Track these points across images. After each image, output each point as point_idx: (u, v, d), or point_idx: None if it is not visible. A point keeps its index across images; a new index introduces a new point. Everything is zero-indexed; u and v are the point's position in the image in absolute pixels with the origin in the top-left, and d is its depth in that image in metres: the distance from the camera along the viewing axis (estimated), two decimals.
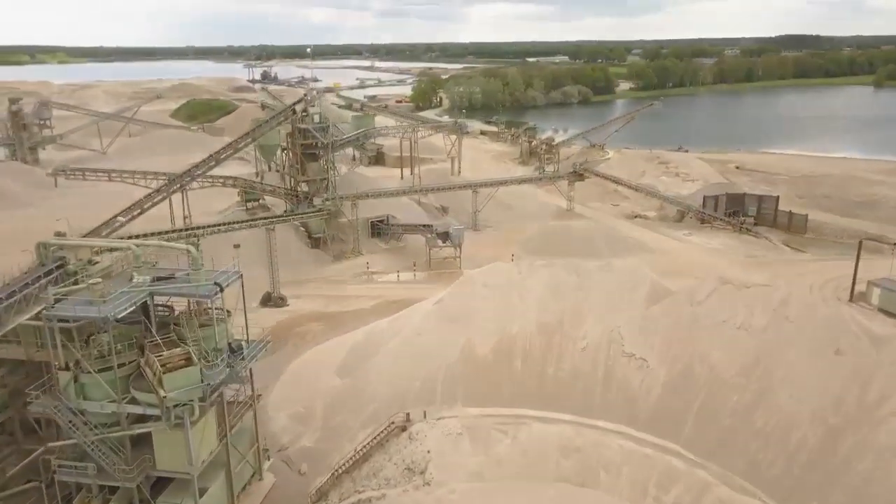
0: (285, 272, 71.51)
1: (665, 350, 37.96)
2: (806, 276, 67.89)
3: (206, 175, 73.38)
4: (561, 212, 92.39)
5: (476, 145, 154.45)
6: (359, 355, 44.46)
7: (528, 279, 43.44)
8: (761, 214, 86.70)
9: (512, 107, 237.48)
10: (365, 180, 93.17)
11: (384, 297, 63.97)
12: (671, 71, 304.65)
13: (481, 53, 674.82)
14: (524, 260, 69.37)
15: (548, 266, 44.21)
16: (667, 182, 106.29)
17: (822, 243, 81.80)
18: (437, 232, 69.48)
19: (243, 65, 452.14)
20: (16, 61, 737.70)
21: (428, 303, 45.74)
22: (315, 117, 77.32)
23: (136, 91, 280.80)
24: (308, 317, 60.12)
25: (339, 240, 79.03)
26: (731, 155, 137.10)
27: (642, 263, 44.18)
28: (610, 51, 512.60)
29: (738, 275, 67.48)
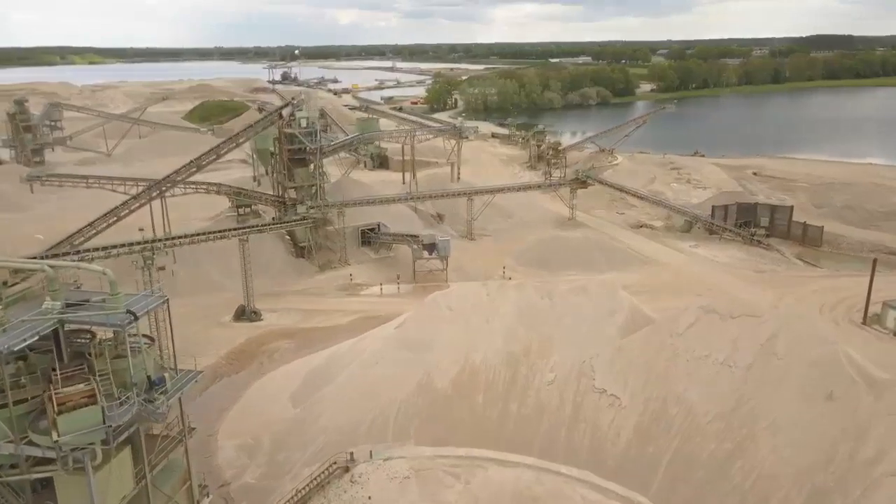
0: (266, 283, 68.82)
1: (639, 387, 34.14)
2: (818, 294, 63.37)
3: (189, 181, 70.85)
4: (562, 220, 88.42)
5: (486, 148, 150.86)
6: (315, 382, 41.27)
7: (497, 302, 39.85)
8: (774, 225, 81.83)
9: (528, 109, 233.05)
10: (358, 186, 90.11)
11: (363, 312, 60.79)
12: (694, 72, 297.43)
13: (504, 54, 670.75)
14: (507, 276, 66.29)
15: (518, 288, 40.58)
16: (677, 189, 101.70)
17: (838, 257, 76.78)
18: (423, 243, 66.03)
19: (263, 66, 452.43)
20: (47, 62, 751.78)
21: (390, 326, 42.35)
22: (302, 121, 74.30)
23: (154, 92, 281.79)
24: (280, 333, 57.16)
25: (326, 249, 76.04)
26: (750, 160, 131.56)
27: (619, 287, 40.08)
28: (634, 51, 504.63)
29: (743, 291, 63.31)
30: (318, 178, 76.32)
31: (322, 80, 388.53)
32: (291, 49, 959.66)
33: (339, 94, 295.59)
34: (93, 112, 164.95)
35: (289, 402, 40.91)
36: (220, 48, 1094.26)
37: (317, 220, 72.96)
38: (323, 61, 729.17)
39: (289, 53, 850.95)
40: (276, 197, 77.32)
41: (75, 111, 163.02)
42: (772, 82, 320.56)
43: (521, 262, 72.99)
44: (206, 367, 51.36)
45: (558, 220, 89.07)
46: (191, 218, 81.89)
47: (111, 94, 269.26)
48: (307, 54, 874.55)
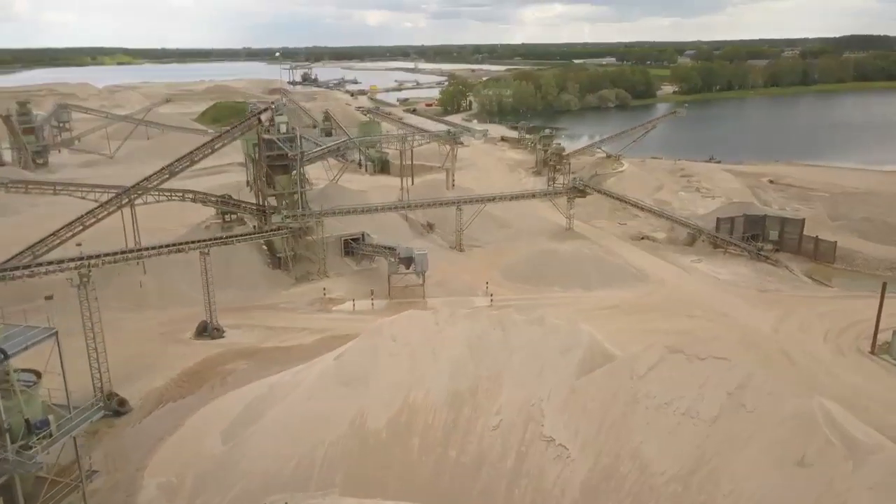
0: (238, 296, 65.86)
1: (591, 436, 30.03)
2: (825, 318, 58.37)
3: (162, 188, 68.09)
4: (560, 231, 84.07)
5: (493, 152, 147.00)
6: (248, 415, 37.79)
7: (446, 332, 35.98)
8: (784, 239, 76.60)
9: (544, 111, 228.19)
10: (346, 193, 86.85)
11: (331, 330, 57.25)
12: (717, 73, 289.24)
13: (529, 55, 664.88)
14: (490, 292, 62.19)
15: (470, 317, 36.65)
16: (684, 198, 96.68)
17: (852, 275, 71.40)
18: (399, 256, 62.33)
19: (282, 67, 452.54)
20: (76, 62, 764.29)
21: (331, 356, 38.71)
22: (282, 127, 71.14)
23: (168, 93, 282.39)
24: (239, 353, 53.86)
25: (306, 259, 72.74)
26: (767, 167, 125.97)
27: (578, 320, 35.93)
28: (659, 52, 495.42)
29: (743, 314, 58.64)
30: (300, 185, 73.15)
31: (342, 81, 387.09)
32: (318, 50, 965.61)
33: (356, 95, 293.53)
34: (100, 113, 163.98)
35: (220, 437, 37.47)
36: (249, 49, 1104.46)
37: (293, 230, 69.72)
38: (347, 62, 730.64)
39: (312, 54, 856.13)
40: (255, 205, 74.32)
41: (83, 112, 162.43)
42: (800, 84, 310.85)
43: (509, 277, 68.94)
44: (154, 389, 48.69)
45: (556, 230, 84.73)
46: (177, 225, 79.45)
47: (128, 95, 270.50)
48: (333, 55, 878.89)
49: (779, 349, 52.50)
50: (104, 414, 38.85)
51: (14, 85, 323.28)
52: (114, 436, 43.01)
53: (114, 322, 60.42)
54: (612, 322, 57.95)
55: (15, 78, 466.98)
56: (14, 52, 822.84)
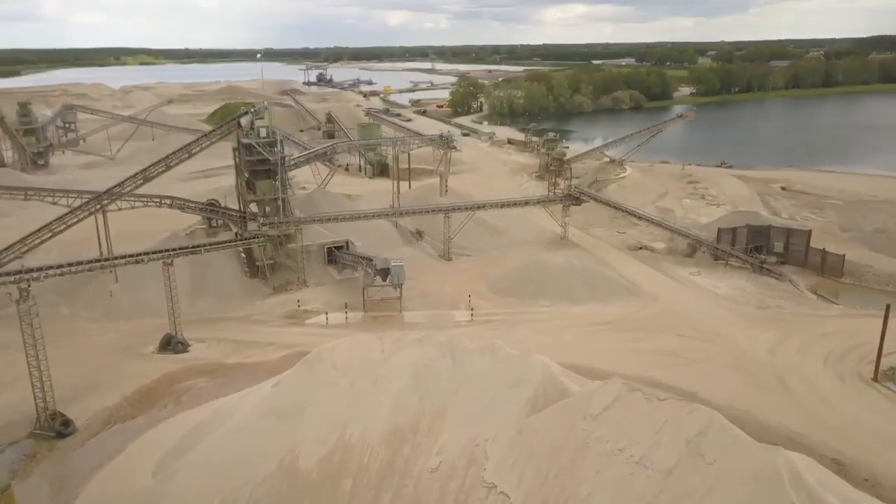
0: (210, 306, 63.60)
1: (537, 484, 26.88)
2: (827, 339, 54.48)
3: (137, 194, 65.91)
4: (555, 240, 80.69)
5: (498, 156, 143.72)
6: (182, 446, 35.14)
7: (391, 360, 33.03)
8: (789, 251, 72.48)
9: (556, 113, 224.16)
10: (333, 199, 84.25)
11: (299, 346, 54.31)
12: (736, 75, 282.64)
13: (548, 56, 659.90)
14: (471, 306, 58.85)
15: (419, 343, 33.62)
16: (688, 206, 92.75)
17: (861, 292, 67.13)
18: (375, 268, 59.48)
19: (298, 67, 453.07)
20: (100, 63, 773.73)
21: (269, 383, 35.91)
22: (262, 131, 68.67)
23: (183, 94, 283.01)
24: (200, 369, 51.34)
25: (287, 268, 70.18)
26: (780, 172, 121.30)
27: (535, 349, 32.73)
28: (679, 53, 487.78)
29: (738, 333, 54.96)
30: (281, 191, 70.60)
31: (357, 81, 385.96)
32: (338, 50, 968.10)
33: (368, 96, 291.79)
34: (105, 114, 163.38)
35: (151, 468, 34.84)
36: (271, 49, 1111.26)
37: (270, 238, 67.20)
38: (366, 62, 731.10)
39: (332, 55, 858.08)
40: (234, 211, 71.87)
41: (89, 113, 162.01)
42: (822, 86, 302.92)
43: (495, 290, 65.76)
44: (104, 408, 46.23)
45: (551, 239, 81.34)
46: (164, 229, 77.15)
47: (140, 96, 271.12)
48: (353, 55, 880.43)
49: (773, 374, 48.80)
50: None
51: (30, 85, 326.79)
52: (53, 460, 40.64)
53: (79, 333, 58.67)
54: (597, 340, 54.74)
55: (36, 78, 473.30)
56: (40, 52, 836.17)
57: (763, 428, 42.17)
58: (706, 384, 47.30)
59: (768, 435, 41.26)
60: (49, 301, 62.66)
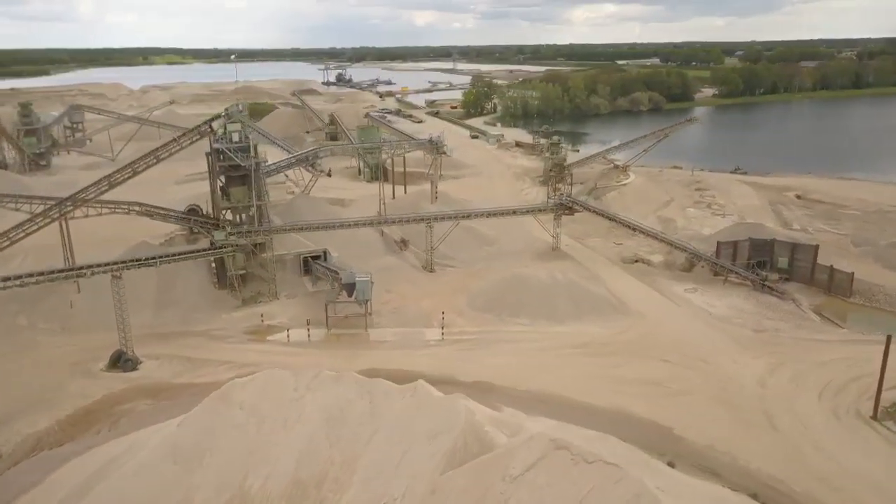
0: (173, 318, 60.83)
1: None
2: (826, 368, 49.83)
3: (102, 200, 63.40)
4: (546, 251, 76.64)
5: (504, 159, 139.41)
6: (84, 486, 32.02)
7: (305, 400, 29.59)
8: (795, 267, 67.50)
9: (572, 115, 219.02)
10: (316, 205, 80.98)
11: (255, 365, 51.04)
12: (761, 75, 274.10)
13: (572, 56, 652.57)
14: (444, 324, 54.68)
15: (336, 382, 30.07)
16: (692, 216, 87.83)
17: (870, 314, 61.94)
18: (340, 282, 56.11)
19: (318, 67, 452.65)
20: (128, 62, 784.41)
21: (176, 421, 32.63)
22: (234, 135, 65.74)
23: (200, 94, 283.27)
24: (145, 390, 48.46)
25: (259, 279, 67.14)
26: (797, 179, 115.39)
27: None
28: (706, 53, 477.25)
29: (728, 360, 50.55)
30: (255, 198, 67.58)
31: (376, 81, 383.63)
32: (364, 50, 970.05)
33: (384, 96, 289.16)
34: (111, 114, 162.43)
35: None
36: (298, 49, 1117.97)
37: (241, 248, 64.21)
38: (389, 62, 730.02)
39: (357, 55, 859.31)
40: (206, 219, 69.09)
41: (95, 113, 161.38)
42: (853, 87, 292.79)
43: (474, 305, 61.96)
44: (33, 433, 43.43)
45: (542, 249, 77.28)
46: (145, 234, 74.70)
47: (157, 96, 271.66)
48: (377, 55, 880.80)
49: (760, 408, 44.37)
50: None
51: (52, 84, 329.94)
52: None
53: (32, 346, 56.10)
54: (573, 365, 50.73)
55: (62, 77, 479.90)
56: (72, 51, 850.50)
57: (742, 473, 38.02)
58: (685, 419, 43.14)
59: (746, 481, 37.12)
60: (11, 311, 60.68)
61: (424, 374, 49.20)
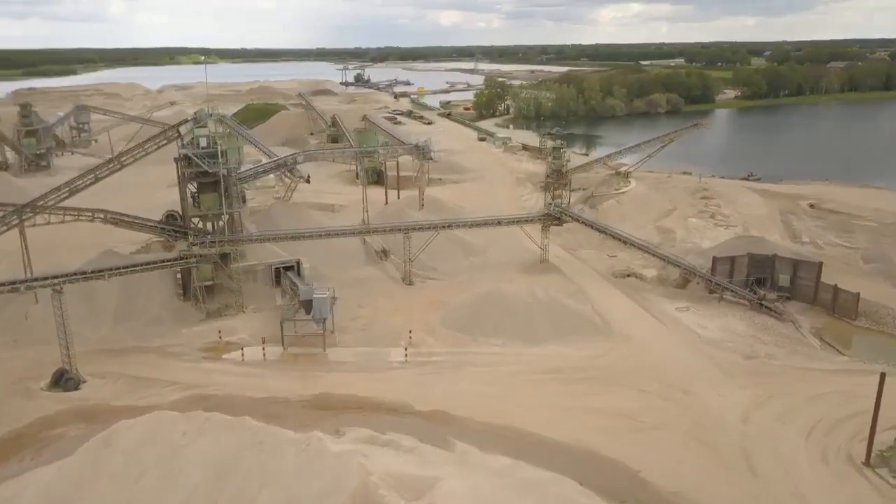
0: (131, 333, 58.13)
1: None
2: (819, 403, 45.49)
3: (64, 207, 60.93)
4: (535, 263, 72.71)
5: (508, 163, 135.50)
6: None
7: (191, 449, 26.27)
8: (797, 285, 62.76)
9: (586, 117, 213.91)
10: (295, 213, 77.96)
11: (203, 387, 48.43)
12: (786, 77, 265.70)
13: (596, 56, 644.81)
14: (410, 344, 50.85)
15: (228, 429, 26.72)
16: (693, 227, 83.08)
17: (877, 339, 57.09)
18: (299, 299, 52.88)
19: (337, 67, 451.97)
20: (154, 62, 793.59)
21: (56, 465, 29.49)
22: (201, 140, 62.91)
23: (215, 94, 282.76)
24: (82, 413, 45.58)
25: (228, 291, 64.20)
26: (812, 187, 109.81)
27: (356, 452, 25.47)
28: (732, 53, 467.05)
29: (711, 390, 46.41)
30: (226, 205, 64.72)
31: (394, 81, 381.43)
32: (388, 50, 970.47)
33: (398, 97, 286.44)
34: (117, 114, 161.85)
35: None
36: (323, 49, 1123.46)
37: (205, 258, 61.31)
38: (412, 62, 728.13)
39: (380, 54, 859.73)
40: (175, 227, 66.23)
41: (101, 113, 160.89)
42: (884, 89, 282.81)
43: (447, 323, 58.30)
44: None
45: (531, 261, 73.30)
46: (120, 239, 72.31)
47: (172, 96, 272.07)
48: (400, 55, 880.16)
49: (740, 449, 40.12)
50: None
51: (71, 84, 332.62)
52: None
53: None
54: (543, 393, 46.88)
55: (86, 77, 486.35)
56: (100, 51, 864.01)
57: None
58: (655, 459, 39.10)
59: None
60: None
61: (378, 401, 46.13)
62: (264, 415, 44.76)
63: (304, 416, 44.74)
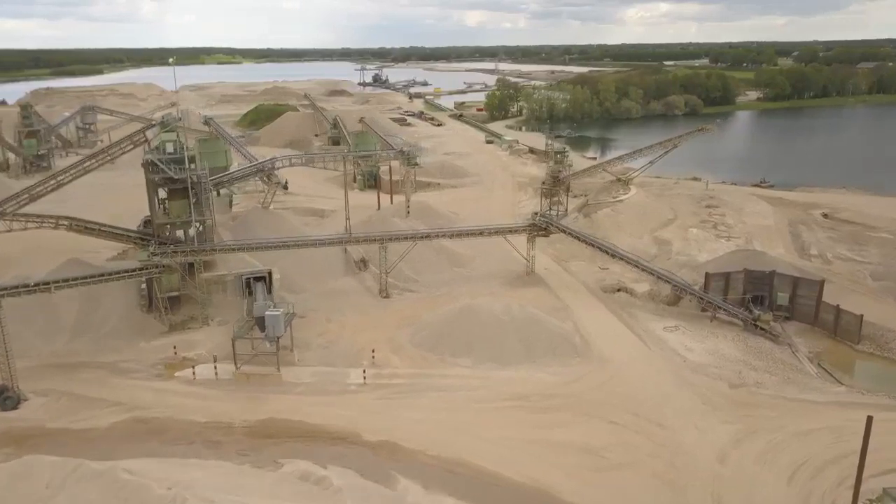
0: (88, 346, 55.81)
1: None
2: (808, 441, 41.51)
3: (26, 213, 58.89)
4: (522, 275, 69.10)
5: (513, 166, 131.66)
6: None
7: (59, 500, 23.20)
8: (797, 305, 58.35)
9: (601, 119, 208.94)
10: (272, 220, 75.15)
11: (146, 409, 45.76)
12: (811, 78, 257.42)
13: (620, 56, 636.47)
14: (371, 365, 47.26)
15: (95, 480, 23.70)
16: (693, 238, 78.64)
17: (881, 365, 52.52)
18: (251, 314, 49.99)
19: (355, 67, 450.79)
20: (179, 61, 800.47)
21: None
22: (168, 146, 60.40)
23: (228, 94, 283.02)
24: (15, 434, 43.22)
25: (195, 302, 61.56)
26: (830, 195, 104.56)
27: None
28: (758, 53, 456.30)
29: (689, 424, 42.58)
30: (195, 213, 62.20)
31: (412, 82, 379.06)
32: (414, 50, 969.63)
33: (412, 98, 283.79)
34: (122, 115, 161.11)
35: None
36: (348, 49, 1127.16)
37: (167, 269, 58.69)
38: (433, 62, 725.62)
39: (402, 55, 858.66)
40: (142, 234, 63.84)
41: (107, 114, 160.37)
42: None
43: (416, 341, 54.94)
44: None
45: (518, 273, 69.65)
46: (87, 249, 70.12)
47: (186, 96, 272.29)
48: (423, 55, 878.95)
49: (711, 494, 36.23)
50: None
51: (91, 84, 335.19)
52: None
53: None
54: (503, 423, 43.37)
55: (111, 77, 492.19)
56: (128, 51, 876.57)
57: None
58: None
59: None
60: None
61: (326, 429, 43.07)
62: (202, 442, 42.50)
63: (244, 444, 41.91)
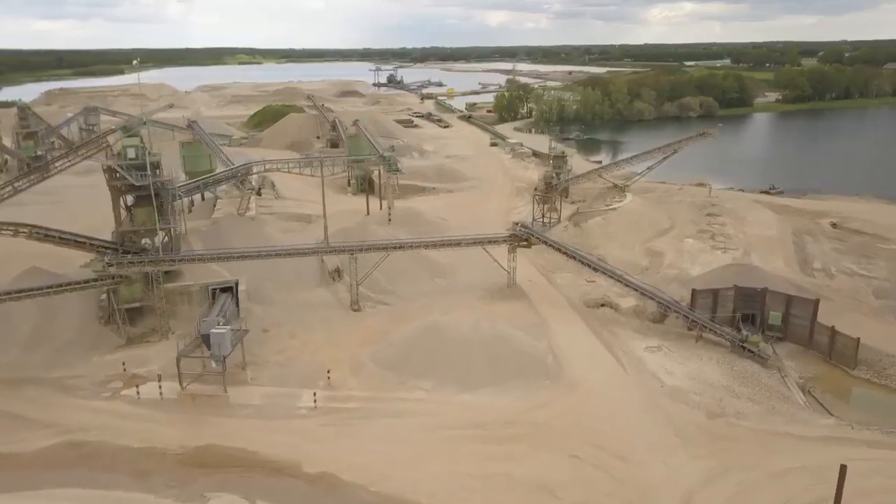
0: (40, 360, 53.49)
1: None
2: (784, 481, 38.33)
3: None
4: (503, 287, 65.79)
5: (514, 170, 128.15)
6: None
7: None
8: (790, 325, 54.38)
9: (613, 121, 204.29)
10: (246, 227, 72.66)
11: (80, 432, 43.29)
12: (832, 79, 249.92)
13: (642, 56, 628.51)
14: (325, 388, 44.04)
15: None
16: (688, 249, 74.58)
17: (875, 395, 48.34)
18: (198, 332, 47.33)
19: (369, 68, 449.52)
20: (200, 62, 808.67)
21: None
22: (129, 151, 58.07)
23: (240, 94, 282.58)
24: None
25: (155, 313, 59.14)
26: (841, 203, 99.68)
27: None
28: (781, 54, 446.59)
29: (656, 459, 39.02)
30: (160, 221, 59.87)
31: (427, 83, 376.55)
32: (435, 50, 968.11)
33: (423, 99, 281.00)
34: (124, 115, 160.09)
35: None
36: (369, 49, 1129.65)
37: (126, 280, 56.35)
38: (452, 63, 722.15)
39: (422, 55, 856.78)
40: (108, 243, 61.55)
41: (110, 115, 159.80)
42: None
43: (378, 360, 51.84)
44: None
45: (499, 286, 66.25)
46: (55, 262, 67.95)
47: (196, 97, 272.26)
48: (442, 55, 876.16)
49: None
50: None
51: (110, 84, 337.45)
52: None
53: None
54: (455, 456, 40.13)
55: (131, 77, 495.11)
56: (150, 51, 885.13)
57: None
58: None
59: None
60: None
61: (265, 458, 40.20)
62: (132, 471, 39.87)
63: (175, 475, 39.18)
